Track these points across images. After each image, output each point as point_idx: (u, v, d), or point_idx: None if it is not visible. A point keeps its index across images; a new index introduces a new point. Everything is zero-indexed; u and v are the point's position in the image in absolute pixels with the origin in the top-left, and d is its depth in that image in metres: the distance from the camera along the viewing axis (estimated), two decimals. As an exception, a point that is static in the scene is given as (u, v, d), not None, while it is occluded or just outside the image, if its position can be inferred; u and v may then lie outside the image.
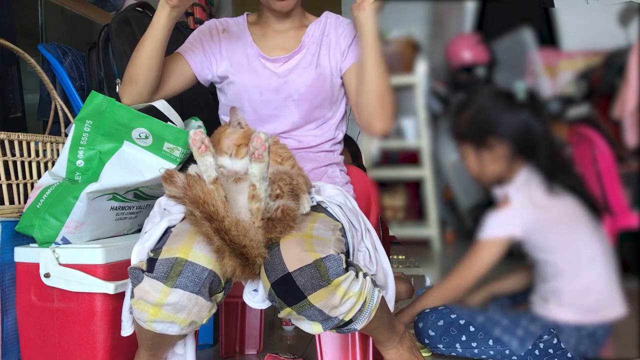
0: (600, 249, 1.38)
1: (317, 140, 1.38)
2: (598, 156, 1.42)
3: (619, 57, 1.39)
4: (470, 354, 1.53)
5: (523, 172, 1.38)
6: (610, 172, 1.41)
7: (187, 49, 1.40)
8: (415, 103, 1.58)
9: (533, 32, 1.49)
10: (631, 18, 1.42)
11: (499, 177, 1.40)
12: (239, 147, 1.14)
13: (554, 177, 1.36)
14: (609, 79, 1.41)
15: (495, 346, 1.48)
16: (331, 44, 1.39)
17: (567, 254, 1.38)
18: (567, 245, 1.38)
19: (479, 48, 1.55)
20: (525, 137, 1.38)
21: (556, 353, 1.43)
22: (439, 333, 1.54)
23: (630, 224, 1.40)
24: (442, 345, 1.54)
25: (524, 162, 1.37)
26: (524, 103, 1.41)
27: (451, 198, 1.59)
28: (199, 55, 1.39)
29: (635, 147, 1.37)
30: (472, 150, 1.40)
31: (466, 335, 1.52)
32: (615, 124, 1.39)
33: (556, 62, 1.48)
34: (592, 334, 1.39)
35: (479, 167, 1.39)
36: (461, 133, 1.43)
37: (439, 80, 1.59)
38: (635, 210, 1.40)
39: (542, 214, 1.38)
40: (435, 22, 1.61)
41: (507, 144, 1.38)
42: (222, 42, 1.40)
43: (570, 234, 1.39)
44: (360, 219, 1.20)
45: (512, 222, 1.37)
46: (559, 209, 1.39)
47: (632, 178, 1.40)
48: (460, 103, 1.47)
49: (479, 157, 1.39)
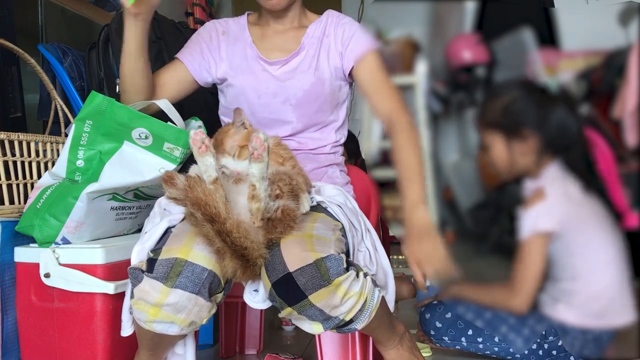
0: (616, 253, 1.37)
1: (317, 143, 1.37)
2: (598, 156, 1.42)
3: (619, 57, 1.39)
4: (474, 349, 1.52)
5: (551, 168, 1.35)
6: (611, 172, 1.41)
7: (186, 54, 1.40)
8: (415, 103, 1.58)
9: (533, 32, 1.49)
10: (631, 18, 1.42)
11: (526, 171, 1.37)
12: (242, 148, 1.13)
13: (587, 175, 1.34)
14: (609, 79, 1.41)
15: (500, 343, 1.48)
16: (330, 46, 1.37)
17: (587, 256, 1.35)
18: (589, 246, 1.36)
19: (479, 48, 1.55)
20: (562, 132, 1.35)
21: (559, 355, 1.43)
22: (446, 325, 1.53)
23: (630, 224, 1.40)
24: (448, 338, 1.53)
25: (553, 157, 1.34)
26: (561, 98, 1.38)
27: (451, 198, 1.59)
28: (197, 58, 1.39)
29: (635, 147, 1.37)
30: (502, 140, 1.35)
31: (473, 330, 1.51)
32: (615, 124, 1.39)
33: (556, 62, 1.48)
34: (598, 339, 1.39)
35: (508, 158, 1.34)
36: (492, 121, 1.38)
37: (439, 80, 1.59)
38: (635, 210, 1.40)
39: (577, 210, 1.34)
40: (435, 22, 1.61)
41: (540, 137, 1.35)
42: (221, 44, 1.40)
43: (594, 235, 1.36)
44: (361, 219, 1.20)
45: (550, 214, 1.32)
46: (590, 208, 1.36)
47: (632, 178, 1.40)
48: (492, 90, 1.42)
49: (509, 148, 1.35)
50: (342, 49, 1.36)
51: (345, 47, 1.36)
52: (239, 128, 1.16)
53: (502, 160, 1.36)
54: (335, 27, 1.38)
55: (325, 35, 1.38)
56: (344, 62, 1.36)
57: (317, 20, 1.41)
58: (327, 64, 1.36)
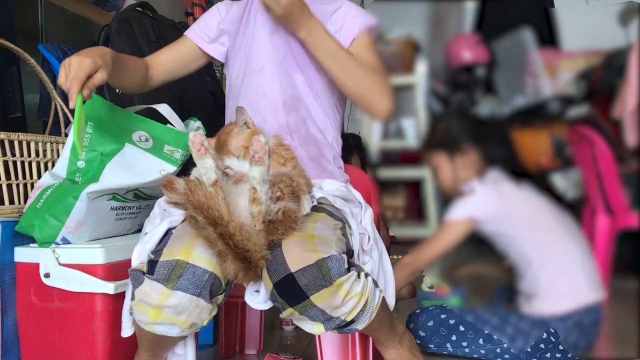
0: (570, 238, 1.44)
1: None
2: (598, 156, 1.42)
3: (619, 57, 1.39)
4: (461, 353, 1.54)
5: (489, 175, 1.46)
6: (610, 172, 1.41)
7: (190, 29, 1.39)
8: (415, 103, 1.58)
9: (533, 32, 1.49)
10: (631, 18, 1.42)
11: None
12: (247, 149, 1.11)
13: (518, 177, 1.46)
14: (609, 79, 1.41)
15: (486, 345, 1.50)
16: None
17: (534, 242, 1.44)
18: (535, 234, 1.44)
19: (479, 48, 1.55)
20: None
21: (547, 347, 1.45)
22: (430, 333, 1.55)
23: (630, 224, 1.41)
24: (433, 345, 1.55)
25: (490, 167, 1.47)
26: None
27: (451, 198, 1.59)
28: (202, 26, 1.38)
29: (635, 147, 1.37)
30: (445, 158, 1.50)
31: (456, 335, 1.53)
32: (615, 124, 1.39)
33: (556, 62, 1.48)
34: (579, 324, 1.41)
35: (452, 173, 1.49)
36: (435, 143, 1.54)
37: (439, 80, 1.59)
38: (635, 210, 1.41)
39: (506, 201, 1.46)
40: (435, 22, 1.61)
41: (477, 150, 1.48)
42: (228, 10, 1.38)
43: (536, 224, 1.45)
44: (365, 208, 1.22)
45: (472, 205, 1.46)
46: (524, 199, 1.47)
47: (632, 178, 1.41)
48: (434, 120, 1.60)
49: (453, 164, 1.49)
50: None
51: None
52: (242, 127, 1.14)
53: (448, 176, 1.50)
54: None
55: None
56: None
57: None
58: None
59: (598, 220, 1.45)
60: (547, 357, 1.45)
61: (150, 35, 1.77)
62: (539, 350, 1.45)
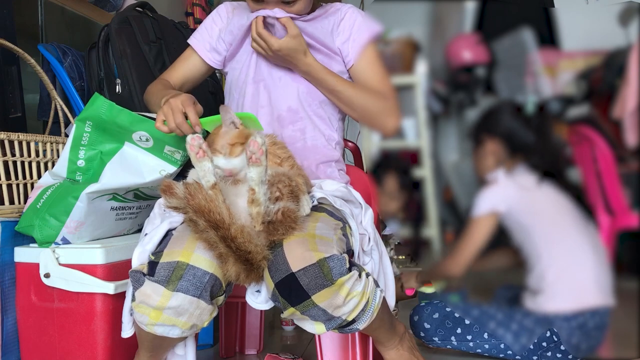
0: (584, 240, 1.42)
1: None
2: (598, 156, 1.42)
3: (619, 57, 1.39)
4: (465, 347, 1.53)
5: (519, 168, 1.44)
6: (610, 172, 1.41)
7: (193, 38, 1.40)
8: (415, 103, 1.58)
9: (533, 32, 1.49)
10: (631, 18, 1.42)
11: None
12: (233, 146, 1.11)
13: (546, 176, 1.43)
14: (609, 79, 1.41)
15: (490, 340, 1.49)
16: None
17: (548, 238, 1.42)
18: (551, 230, 1.43)
19: (479, 48, 1.55)
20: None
21: (549, 346, 1.45)
22: (435, 326, 1.54)
23: (630, 224, 1.41)
24: (438, 338, 1.54)
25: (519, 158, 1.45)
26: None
27: (451, 198, 1.59)
28: (205, 37, 1.38)
29: (635, 147, 1.37)
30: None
31: (461, 328, 1.52)
32: (615, 124, 1.39)
33: (556, 62, 1.48)
34: (582, 326, 1.40)
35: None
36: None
37: (439, 80, 1.59)
38: (635, 210, 1.41)
39: (526, 194, 1.44)
40: (435, 22, 1.61)
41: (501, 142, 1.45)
42: (231, 19, 1.38)
43: (553, 220, 1.44)
44: (365, 209, 1.22)
45: (495, 196, 1.44)
46: (543, 195, 1.44)
47: (632, 178, 1.41)
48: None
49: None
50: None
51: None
52: (229, 126, 1.14)
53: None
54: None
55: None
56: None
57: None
58: None
59: (598, 220, 1.45)
60: (547, 355, 1.45)
61: (150, 35, 1.77)
62: (541, 348, 1.45)
